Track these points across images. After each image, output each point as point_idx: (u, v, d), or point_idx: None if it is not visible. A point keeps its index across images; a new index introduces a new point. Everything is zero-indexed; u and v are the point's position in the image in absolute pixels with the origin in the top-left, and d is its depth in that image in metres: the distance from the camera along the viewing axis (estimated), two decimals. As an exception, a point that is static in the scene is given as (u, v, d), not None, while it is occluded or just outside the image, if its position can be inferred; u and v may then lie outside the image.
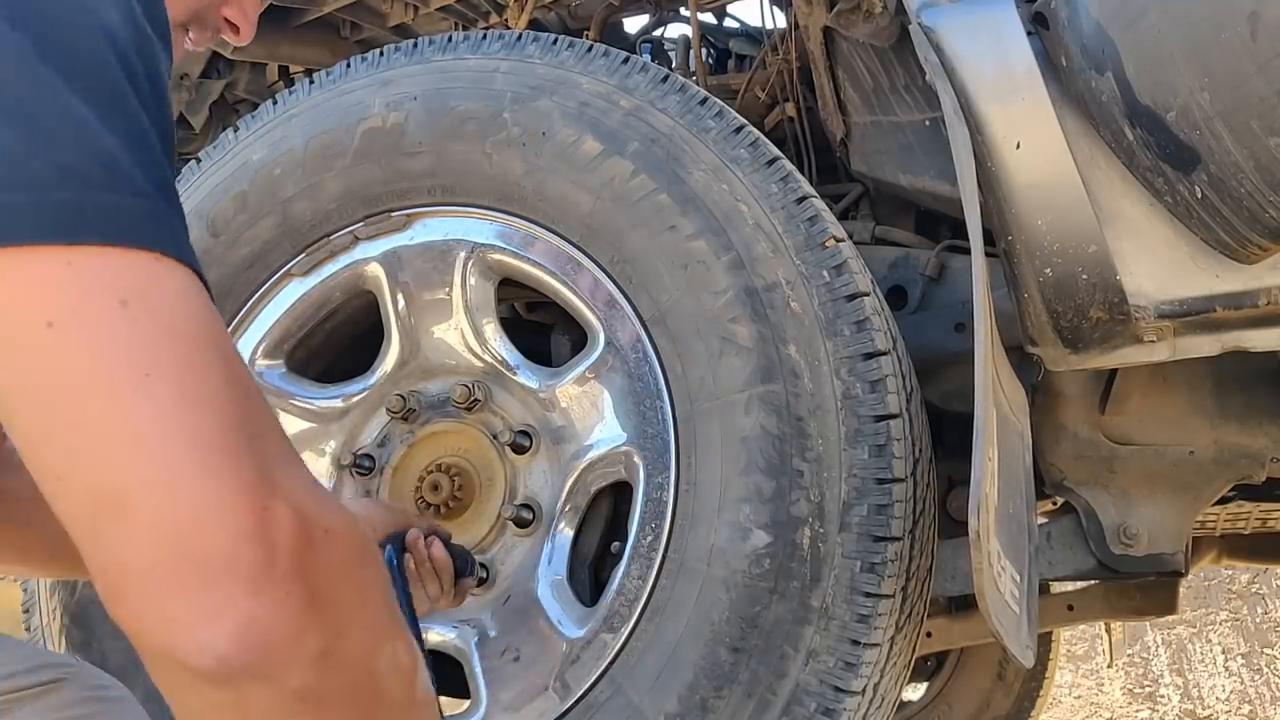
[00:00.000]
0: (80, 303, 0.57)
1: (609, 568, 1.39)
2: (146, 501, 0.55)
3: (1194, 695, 4.75)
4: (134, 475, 0.55)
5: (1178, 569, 1.60)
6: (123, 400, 0.56)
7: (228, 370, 0.60)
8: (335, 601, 0.60)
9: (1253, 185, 1.16)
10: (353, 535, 0.63)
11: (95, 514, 0.56)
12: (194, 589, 0.55)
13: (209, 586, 0.55)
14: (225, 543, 0.55)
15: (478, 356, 1.51)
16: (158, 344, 0.57)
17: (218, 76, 2.34)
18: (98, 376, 0.56)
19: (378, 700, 0.63)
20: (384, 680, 0.63)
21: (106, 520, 0.56)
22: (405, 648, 0.66)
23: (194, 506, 0.55)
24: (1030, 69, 1.29)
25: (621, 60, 1.50)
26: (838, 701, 1.24)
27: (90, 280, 0.57)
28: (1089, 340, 1.31)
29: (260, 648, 0.56)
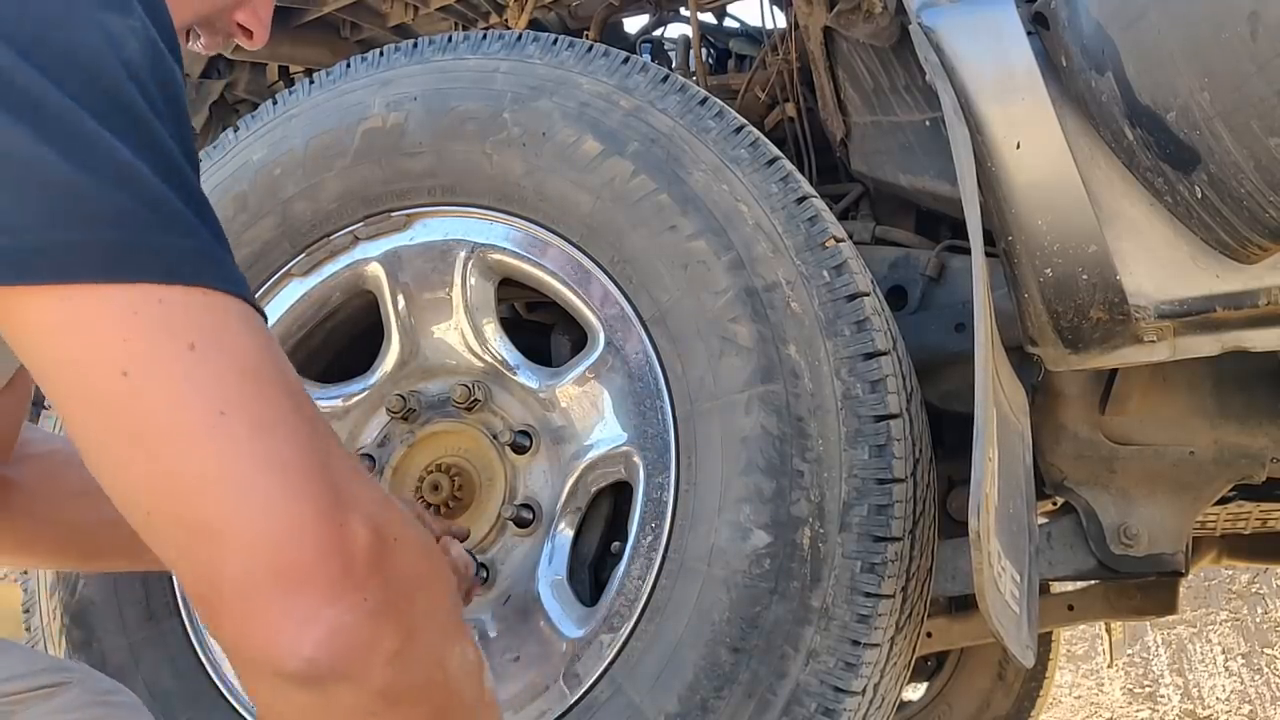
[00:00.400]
0: (151, 349, 0.60)
1: (609, 568, 1.39)
2: (234, 528, 0.60)
3: (1194, 695, 4.75)
4: (218, 507, 0.60)
5: (1178, 569, 1.60)
6: (201, 439, 0.60)
7: (293, 399, 0.64)
8: (408, 604, 0.64)
9: (1253, 185, 1.16)
10: (420, 541, 0.67)
11: (187, 543, 0.61)
12: (283, 601, 0.60)
13: (296, 598, 0.60)
14: (309, 558, 0.60)
15: (478, 356, 1.51)
16: (227, 382, 0.61)
17: (218, 76, 2.34)
18: (177, 419, 0.60)
19: (451, 697, 0.68)
20: (456, 680, 0.68)
21: (199, 548, 0.60)
22: (473, 648, 0.71)
23: (278, 528, 0.60)
24: (1030, 69, 1.29)
25: (621, 60, 1.50)
26: (838, 702, 1.24)
27: (158, 325, 0.61)
28: (1089, 340, 1.31)
29: (343, 650, 0.61)
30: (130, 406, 0.60)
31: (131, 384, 0.59)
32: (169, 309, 0.61)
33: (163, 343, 0.60)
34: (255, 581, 0.60)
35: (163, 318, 0.60)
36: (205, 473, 0.60)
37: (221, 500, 0.60)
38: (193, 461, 0.60)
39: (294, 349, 1.59)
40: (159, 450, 0.60)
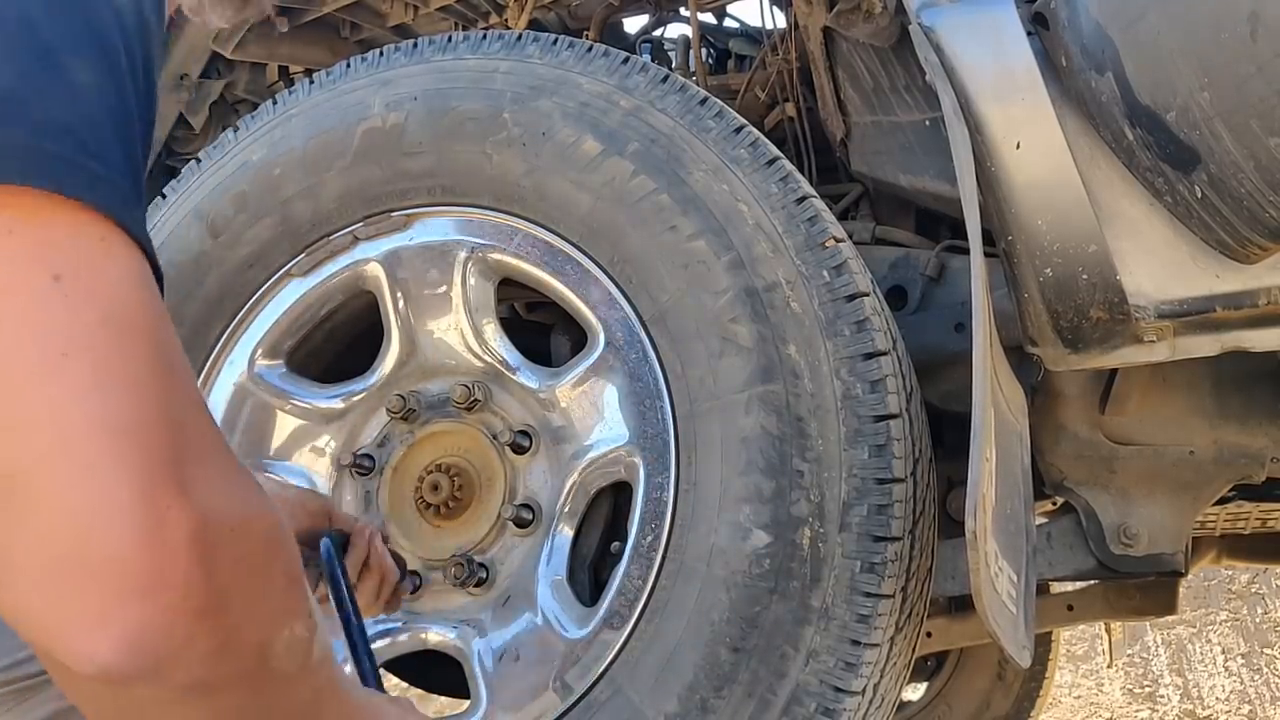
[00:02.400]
0: (10, 270, 0.54)
1: (609, 568, 1.39)
2: (40, 488, 0.52)
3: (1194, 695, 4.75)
4: (30, 457, 0.52)
5: (1177, 569, 1.60)
6: (31, 378, 0.53)
7: (155, 358, 0.57)
8: (235, 598, 0.57)
9: (1253, 185, 1.16)
10: (261, 526, 0.61)
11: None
12: (80, 592, 0.52)
13: (96, 592, 0.52)
14: (118, 547, 0.52)
15: (478, 356, 1.51)
16: (82, 324, 0.54)
17: (218, 76, 2.34)
18: (15, 351, 0.53)
19: (269, 678, 0.62)
20: (278, 660, 0.62)
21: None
22: (305, 623, 0.65)
23: (90, 501, 0.52)
24: (1030, 69, 1.29)
25: (621, 60, 1.50)
26: (838, 701, 1.24)
27: (30, 245, 0.55)
28: (1089, 340, 1.31)
29: (148, 655, 0.53)
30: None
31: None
32: (50, 232, 0.55)
33: (28, 266, 0.54)
34: (50, 560, 0.52)
35: (38, 240, 0.55)
36: (24, 416, 0.52)
37: (33, 452, 0.52)
38: (17, 400, 0.52)
39: (294, 349, 1.59)
40: None
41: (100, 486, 0.52)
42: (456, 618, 1.45)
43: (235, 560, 0.57)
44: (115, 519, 0.52)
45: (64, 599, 0.52)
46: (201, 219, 1.57)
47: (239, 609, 0.58)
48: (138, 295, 0.58)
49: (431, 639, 1.46)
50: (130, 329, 0.56)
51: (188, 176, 1.64)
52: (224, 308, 1.56)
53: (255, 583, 0.59)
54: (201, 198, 1.59)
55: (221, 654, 0.57)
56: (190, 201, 1.59)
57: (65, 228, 0.56)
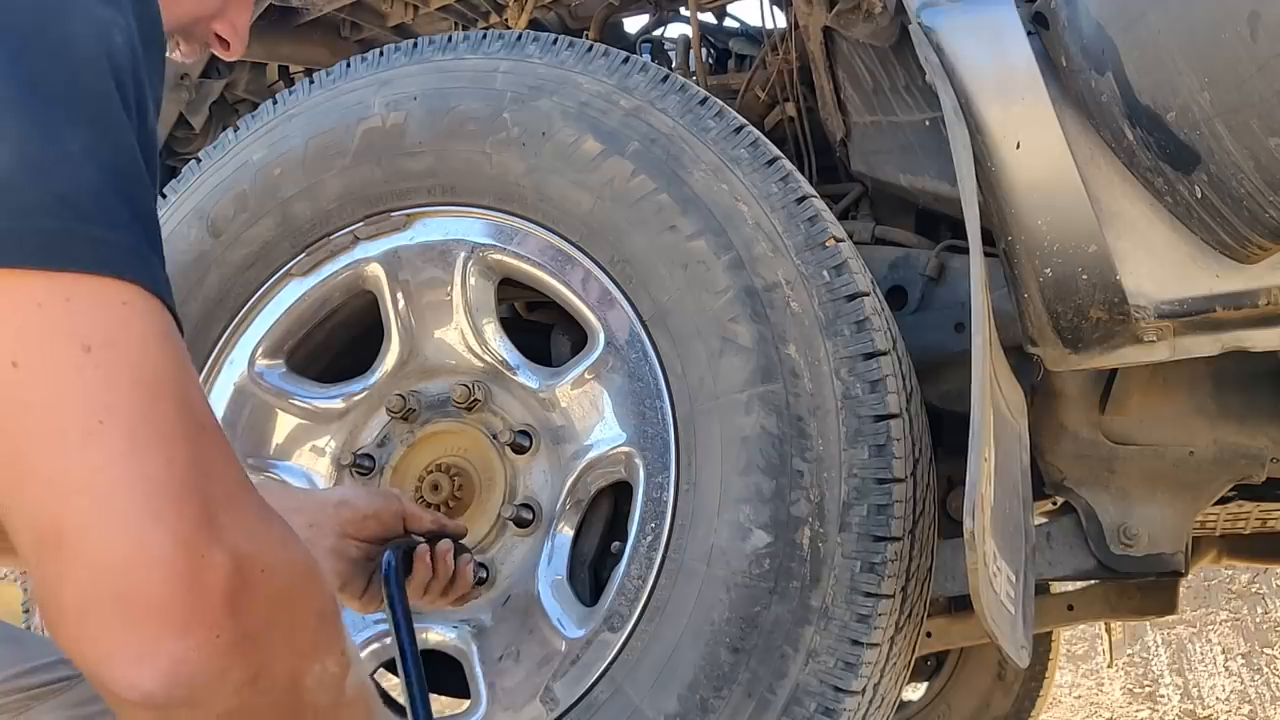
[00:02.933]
0: (45, 345, 0.59)
1: (609, 568, 1.39)
2: (85, 543, 0.57)
3: (1194, 695, 4.75)
4: (75, 518, 0.58)
5: (1178, 569, 1.60)
6: (72, 446, 0.58)
7: (183, 415, 0.61)
8: (266, 635, 0.62)
9: (1253, 185, 1.16)
10: (291, 567, 0.65)
11: (39, 548, 0.59)
12: (124, 630, 0.58)
13: (139, 629, 0.58)
14: (157, 588, 0.58)
15: (478, 356, 1.51)
16: (115, 391, 0.59)
17: (218, 76, 2.33)
18: (52, 421, 0.58)
19: (302, 709, 0.66)
20: (310, 694, 0.66)
21: (48, 555, 0.58)
22: (336, 659, 0.69)
23: (130, 551, 0.57)
24: (1030, 69, 1.29)
25: (621, 60, 1.50)
26: (837, 701, 1.24)
27: (59, 320, 0.59)
28: (1089, 340, 1.31)
29: (185, 685, 0.59)
30: (11, 397, 0.58)
31: (18, 376, 0.58)
32: (75, 304, 0.59)
33: (59, 339, 0.59)
34: (97, 604, 0.58)
35: (67, 313, 0.59)
36: (68, 481, 0.58)
37: (78, 512, 0.58)
38: (58, 466, 0.58)
39: (294, 349, 1.59)
40: (28, 448, 0.58)
41: (139, 540, 0.58)
42: (457, 617, 1.45)
43: (265, 599, 0.62)
44: (153, 568, 0.58)
45: (110, 638, 0.58)
46: (202, 219, 1.57)
47: (270, 644, 0.62)
48: (162, 353, 0.62)
49: (432, 639, 1.46)
50: (158, 389, 0.61)
51: (188, 176, 1.64)
52: (224, 307, 1.56)
53: (285, 619, 0.64)
54: (202, 197, 1.59)
55: (254, 685, 0.61)
56: (190, 201, 1.59)
57: (88, 299, 0.60)
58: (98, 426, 0.58)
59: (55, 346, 0.59)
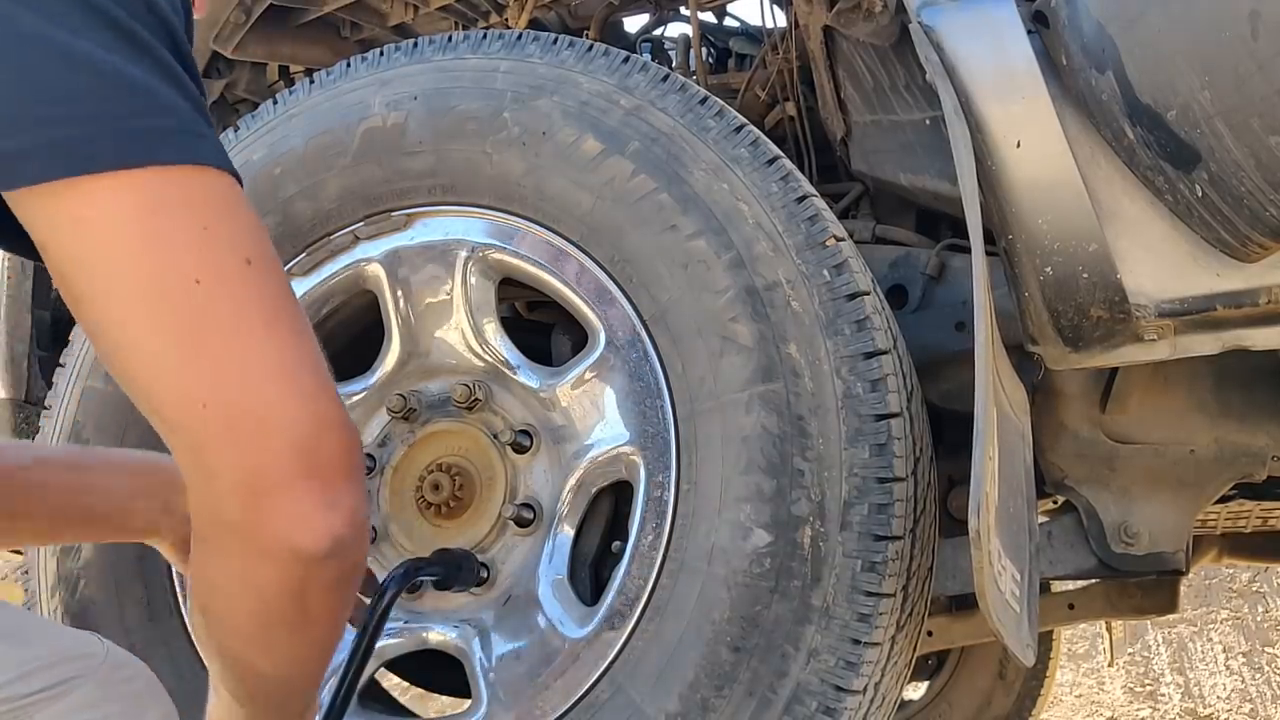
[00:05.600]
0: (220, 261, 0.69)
1: (610, 567, 1.39)
2: (286, 418, 0.69)
3: (1195, 694, 4.75)
4: (276, 398, 0.69)
5: (1178, 568, 1.60)
6: (258, 340, 0.69)
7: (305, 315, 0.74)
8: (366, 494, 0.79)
9: (1253, 184, 1.16)
10: None
11: (237, 432, 0.68)
12: (322, 487, 0.70)
13: (331, 485, 0.70)
14: (339, 449, 0.71)
15: (478, 356, 1.51)
16: (276, 295, 0.71)
17: (218, 76, 2.33)
18: (237, 322, 0.69)
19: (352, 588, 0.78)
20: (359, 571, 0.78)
21: (248, 431, 0.68)
22: None
23: (318, 420, 0.70)
24: (1030, 68, 1.29)
25: (622, 59, 1.50)
26: (839, 700, 1.24)
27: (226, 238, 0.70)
28: (1089, 339, 1.31)
29: (360, 526, 0.72)
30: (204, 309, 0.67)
31: (205, 291, 0.67)
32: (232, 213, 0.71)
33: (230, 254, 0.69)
34: (301, 467, 0.69)
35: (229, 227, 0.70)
36: (263, 370, 0.68)
37: (275, 394, 0.68)
38: (252, 359, 0.68)
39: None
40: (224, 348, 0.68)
41: (322, 409, 0.70)
42: (457, 617, 1.45)
43: None
44: (333, 432, 0.70)
45: (310, 494, 0.69)
46: (202, 219, 1.57)
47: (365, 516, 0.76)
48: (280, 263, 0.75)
49: (432, 638, 1.46)
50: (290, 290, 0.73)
51: (188, 176, 1.63)
52: (225, 307, 1.56)
53: None
54: (202, 197, 1.59)
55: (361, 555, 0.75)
56: (191, 201, 1.59)
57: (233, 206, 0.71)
58: (274, 325, 0.70)
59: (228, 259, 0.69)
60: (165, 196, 0.68)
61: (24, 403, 2.10)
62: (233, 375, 0.68)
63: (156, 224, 0.67)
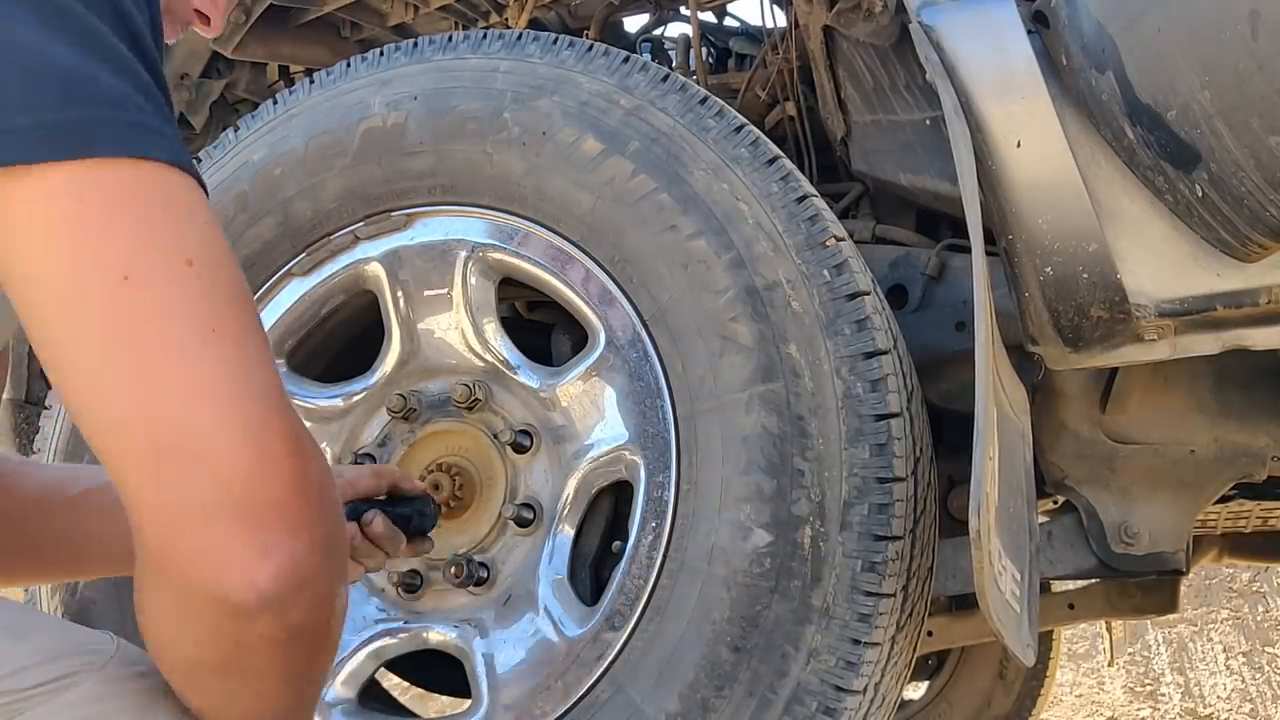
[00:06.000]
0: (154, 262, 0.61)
1: (610, 567, 1.39)
2: (213, 450, 0.60)
3: (1195, 694, 4.75)
4: (202, 425, 0.60)
5: (1179, 567, 1.60)
6: (193, 353, 0.60)
7: (258, 325, 0.65)
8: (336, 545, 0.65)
9: (1253, 184, 1.16)
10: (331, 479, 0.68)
11: (158, 455, 0.60)
12: (251, 530, 0.60)
13: (264, 528, 0.61)
14: (279, 492, 0.61)
15: (478, 356, 1.51)
16: (220, 302, 0.62)
17: (218, 76, 2.33)
18: (170, 332, 0.60)
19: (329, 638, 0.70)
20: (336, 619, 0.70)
21: (170, 461, 0.60)
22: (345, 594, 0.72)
23: (254, 457, 0.60)
24: (1030, 68, 1.29)
25: (622, 59, 1.50)
26: (839, 700, 1.24)
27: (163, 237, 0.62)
28: (1090, 339, 1.31)
29: (298, 581, 0.62)
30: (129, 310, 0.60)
31: (131, 290, 0.60)
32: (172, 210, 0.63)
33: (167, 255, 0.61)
34: (224, 506, 0.60)
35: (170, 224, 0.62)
36: (192, 388, 0.60)
37: (204, 419, 0.60)
38: (180, 374, 0.60)
39: (294, 348, 1.59)
40: (149, 358, 0.60)
41: (259, 443, 0.60)
42: (458, 617, 1.45)
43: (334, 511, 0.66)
44: (272, 469, 0.61)
45: (237, 537, 0.60)
46: (202, 219, 1.57)
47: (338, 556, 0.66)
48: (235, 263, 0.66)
49: (433, 638, 1.46)
50: (247, 300, 0.65)
51: (188, 176, 1.63)
52: (225, 307, 1.56)
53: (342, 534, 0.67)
54: (202, 197, 1.59)
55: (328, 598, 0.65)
56: (191, 201, 1.59)
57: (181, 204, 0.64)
58: (211, 335, 0.61)
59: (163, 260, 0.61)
60: (100, 188, 0.61)
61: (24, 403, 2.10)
62: (157, 391, 0.60)
63: (85, 214, 0.60)
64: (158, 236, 0.62)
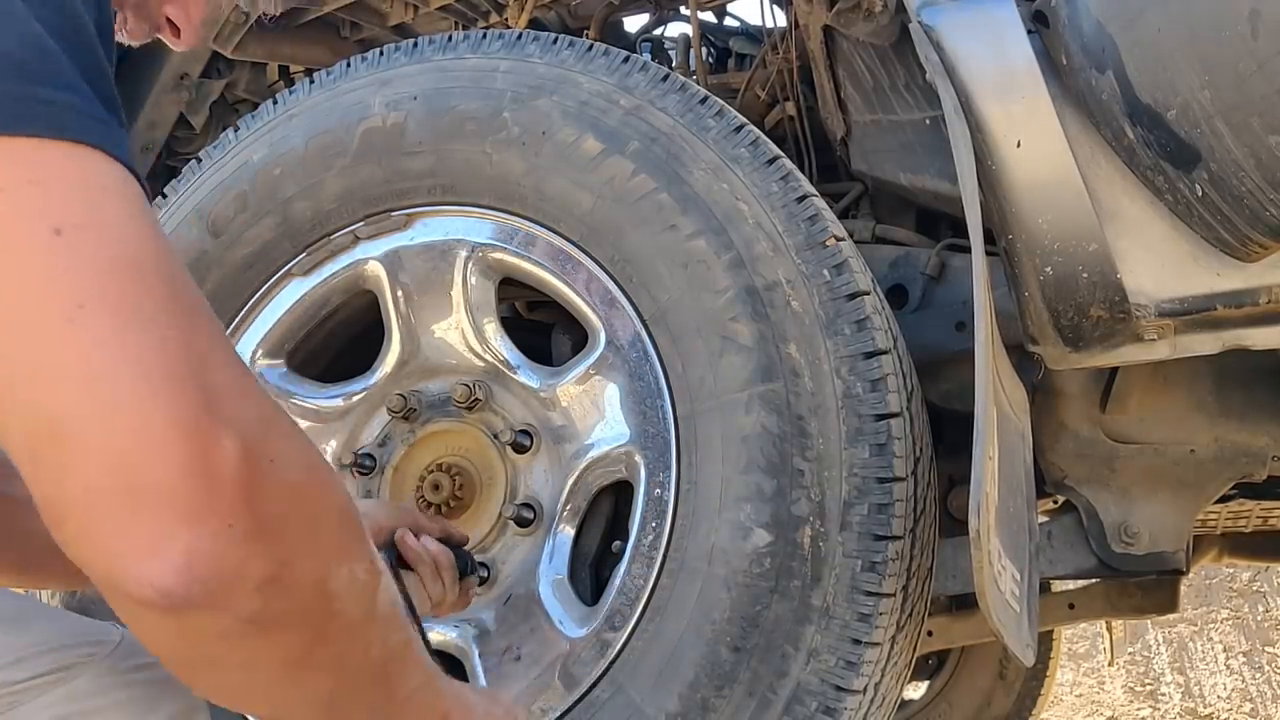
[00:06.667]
0: (13, 229, 0.55)
1: (610, 567, 1.39)
2: (85, 432, 0.54)
3: (1195, 693, 4.75)
4: (71, 407, 0.54)
5: (1179, 567, 1.60)
6: (54, 332, 0.55)
7: (171, 295, 0.58)
8: (284, 528, 0.59)
9: (1253, 183, 1.16)
10: (305, 460, 0.62)
11: (34, 445, 0.55)
12: (134, 522, 0.54)
13: (149, 519, 0.54)
14: (165, 476, 0.54)
15: (478, 356, 1.51)
16: (93, 273, 0.56)
17: (218, 76, 2.33)
18: (31, 310, 0.55)
19: (332, 619, 0.63)
20: (339, 600, 0.63)
21: (45, 450, 0.55)
22: (366, 567, 0.66)
23: (133, 439, 0.54)
24: (1030, 67, 1.29)
25: (621, 59, 1.50)
26: (839, 700, 1.24)
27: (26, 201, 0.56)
28: (1090, 339, 1.31)
29: (202, 580, 0.55)
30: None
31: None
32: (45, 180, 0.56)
33: (27, 223, 0.55)
34: (102, 495, 0.54)
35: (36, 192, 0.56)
36: (55, 369, 0.54)
37: (71, 401, 0.54)
38: (43, 355, 0.55)
39: (295, 348, 1.59)
40: (7, 341, 0.55)
41: (140, 423, 0.54)
42: (457, 617, 1.45)
43: (280, 489, 0.59)
44: (158, 452, 0.54)
45: (120, 530, 0.54)
46: (202, 219, 1.57)
47: (290, 538, 0.59)
48: (139, 231, 0.59)
49: (433, 638, 1.46)
50: (141, 268, 0.57)
51: (188, 176, 1.64)
52: (224, 307, 1.56)
53: (304, 514, 0.60)
54: (202, 197, 1.59)
55: (277, 584, 0.58)
56: (191, 201, 1.59)
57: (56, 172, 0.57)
58: (78, 311, 0.55)
59: (24, 231, 0.55)
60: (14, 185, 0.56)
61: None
62: (21, 376, 0.55)
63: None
64: (20, 204, 0.55)
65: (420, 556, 1.17)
